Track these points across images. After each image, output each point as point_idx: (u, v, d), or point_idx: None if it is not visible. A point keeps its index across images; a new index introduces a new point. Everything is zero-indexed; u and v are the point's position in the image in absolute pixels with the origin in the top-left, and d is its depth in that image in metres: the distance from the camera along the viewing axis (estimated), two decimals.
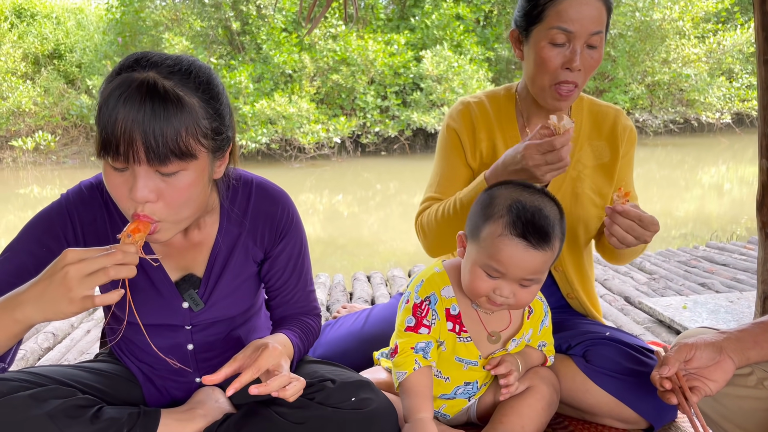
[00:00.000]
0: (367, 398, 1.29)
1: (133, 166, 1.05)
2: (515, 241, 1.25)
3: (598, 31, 1.49)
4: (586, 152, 1.71)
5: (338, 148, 13.90)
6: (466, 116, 1.72)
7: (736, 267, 3.75)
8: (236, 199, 1.35)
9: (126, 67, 1.08)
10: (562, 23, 1.48)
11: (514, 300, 1.31)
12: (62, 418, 1.18)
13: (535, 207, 1.27)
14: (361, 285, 3.52)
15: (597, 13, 1.48)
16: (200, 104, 1.08)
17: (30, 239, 1.25)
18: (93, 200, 1.29)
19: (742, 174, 10.74)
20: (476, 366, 1.46)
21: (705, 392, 1.27)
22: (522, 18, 1.57)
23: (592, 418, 1.63)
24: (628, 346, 1.59)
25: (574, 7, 1.47)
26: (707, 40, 14.85)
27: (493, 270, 1.29)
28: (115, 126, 1.01)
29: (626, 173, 1.75)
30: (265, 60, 13.63)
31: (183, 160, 1.06)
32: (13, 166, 13.96)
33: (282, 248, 1.40)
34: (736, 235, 5.89)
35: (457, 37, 14.21)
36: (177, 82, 1.06)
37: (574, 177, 1.69)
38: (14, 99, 13.92)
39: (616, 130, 1.71)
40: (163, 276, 1.33)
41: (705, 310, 2.78)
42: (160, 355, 1.38)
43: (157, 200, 1.08)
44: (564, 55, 1.51)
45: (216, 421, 1.36)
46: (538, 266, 1.27)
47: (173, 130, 1.03)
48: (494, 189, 1.35)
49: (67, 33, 16.62)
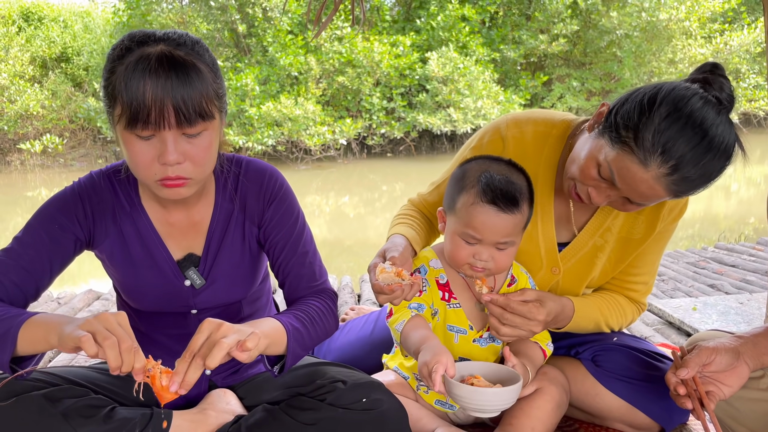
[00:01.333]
0: (378, 399, 1.30)
1: (161, 132, 1.13)
2: (486, 207, 1.36)
3: (643, 203, 1.35)
4: (620, 221, 1.56)
5: (344, 150, 13.91)
6: (492, 151, 1.55)
7: (746, 268, 3.73)
8: (228, 177, 1.40)
9: (132, 43, 1.14)
10: (617, 175, 1.31)
11: (494, 264, 1.41)
12: (76, 418, 1.20)
13: (502, 175, 1.38)
14: (369, 287, 3.52)
15: (655, 195, 1.31)
16: (207, 70, 1.17)
17: (44, 217, 1.33)
18: (103, 185, 1.36)
19: (749, 174, 10.68)
20: (466, 335, 1.50)
21: (719, 397, 1.27)
22: (612, 116, 1.32)
23: (602, 422, 1.63)
24: (637, 351, 1.58)
25: (638, 178, 1.28)
26: (714, 40, 14.77)
27: (470, 237, 1.39)
28: (146, 95, 1.09)
29: (652, 249, 1.60)
30: (271, 62, 13.65)
31: (205, 120, 1.16)
32: (21, 168, 14.04)
33: (271, 216, 1.40)
34: (744, 236, 5.87)
35: (462, 38, 14.19)
36: (187, 51, 1.15)
37: (598, 246, 1.57)
38: (22, 102, 13.99)
39: (662, 210, 1.53)
40: (166, 256, 1.37)
41: (715, 311, 2.77)
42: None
43: (184, 161, 1.16)
44: (598, 184, 1.35)
45: (227, 422, 1.36)
46: (510, 229, 1.38)
47: (198, 93, 1.13)
48: (465, 164, 1.46)
49: (74, 36, 16.69)
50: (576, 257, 1.59)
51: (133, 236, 1.36)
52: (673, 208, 1.55)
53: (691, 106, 1.23)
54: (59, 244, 1.31)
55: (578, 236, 1.58)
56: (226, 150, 1.37)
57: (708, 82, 1.29)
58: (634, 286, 1.64)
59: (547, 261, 1.59)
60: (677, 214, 1.57)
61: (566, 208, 1.59)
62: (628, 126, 1.27)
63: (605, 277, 1.63)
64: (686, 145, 1.22)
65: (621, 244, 1.57)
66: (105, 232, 1.35)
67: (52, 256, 1.30)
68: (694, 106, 1.23)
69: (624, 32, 14.57)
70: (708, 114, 1.23)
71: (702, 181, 1.27)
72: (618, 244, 1.57)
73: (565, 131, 1.54)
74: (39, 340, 1.13)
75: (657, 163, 1.24)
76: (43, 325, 1.13)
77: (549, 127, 1.55)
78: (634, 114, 1.27)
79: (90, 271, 3.81)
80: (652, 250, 1.60)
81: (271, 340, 1.20)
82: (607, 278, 1.63)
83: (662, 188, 1.27)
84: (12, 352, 1.14)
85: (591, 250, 1.58)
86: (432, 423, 1.51)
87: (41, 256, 1.29)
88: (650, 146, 1.24)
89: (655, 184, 1.27)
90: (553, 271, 1.60)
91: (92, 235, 1.35)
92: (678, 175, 1.24)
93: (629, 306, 1.64)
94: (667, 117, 1.23)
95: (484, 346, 1.52)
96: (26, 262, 1.28)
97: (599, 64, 15.28)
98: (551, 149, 1.54)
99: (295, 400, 1.34)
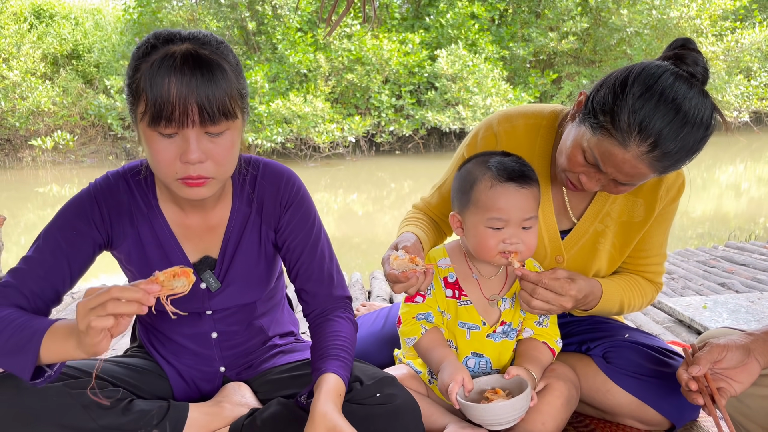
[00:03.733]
0: (392, 394, 1.32)
1: (184, 131, 1.13)
2: (506, 185, 1.39)
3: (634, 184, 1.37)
4: (619, 206, 1.58)
5: (353, 148, 13.92)
6: (486, 148, 1.60)
7: (756, 267, 3.72)
8: (246, 179, 1.40)
9: (157, 41, 1.14)
10: (601, 159, 1.33)
11: (523, 245, 1.41)
12: (95, 409, 1.22)
13: (511, 158, 1.43)
14: (379, 283, 3.54)
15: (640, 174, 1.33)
16: (231, 69, 1.17)
17: (62, 223, 1.31)
18: (119, 186, 1.36)
19: (760, 173, 10.62)
20: (478, 330, 1.51)
21: (730, 393, 1.28)
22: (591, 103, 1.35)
23: (613, 418, 1.64)
24: (648, 348, 1.59)
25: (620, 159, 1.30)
26: (725, 38, 14.66)
27: (496, 221, 1.40)
28: (170, 93, 1.09)
29: (657, 230, 1.61)
30: (281, 60, 13.68)
31: (229, 119, 1.16)
32: (32, 165, 14.15)
33: (289, 219, 1.41)
34: (754, 235, 5.84)
35: (471, 36, 14.17)
36: (212, 51, 1.15)
37: (599, 231, 1.60)
38: (34, 99, 14.09)
39: (659, 190, 1.55)
40: (183, 258, 1.37)
41: (725, 310, 2.77)
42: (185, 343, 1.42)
43: (206, 160, 1.16)
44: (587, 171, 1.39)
45: (242, 415, 1.38)
46: (531, 203, 1.41)
47: (222, 92, 1.13)
48: (465, 165, 1.49)
49: (85, 33, 16.80)
50: (578, 244, 1.61)
51: (149, 238, 1.36)
52: (671, 187, 1.56)
53: (662, 83, 1.26)
54: (78, 249, 1.30)
55: (578, 223, 1.61)
56: (241, 149, 1.38)
57: (680, 58, 1.32)
58: (646, 268, 1.66)
59: (551, 249, 1.62)
60: (675, 193, 1.58)
61: (563, 197, 1.62)
62: (605, 110, 1.30)
63: (614, 265, 1.65)
64: (662, 122, 1.25)
65: (623, 228, 1.59)
66: (123, 234, 1.35)
67: (71, 262, 1.29)
68: (665, 82, 1.26)
69: (634, 30, 14.49)
70: (680, 89, 1.26)
71: (683, 154, 1.29)
72: (620, 228, 1.59)
73: (554, 121, 1.58)
74: (60, 352, 1.11)
75: (636, 143, 1.27)
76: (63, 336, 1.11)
77: (539, 119, 1.59)
78: (608, 98, 1.30)
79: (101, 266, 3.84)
80: (657, 232, 1.62)
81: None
82: (616, 266, 1.65)
83: (646, 166, 1.30)
84: (34, 364, 1.12)
85: (592, 236, 1.60)
86: (443, 419, 1.52)
87: (60, 263, 1.28)
88: (627, 127, 1.26)
89: (638, 163, 1.29)
90: (557, 260, 1.62)
91: (110, 237, 1.35)
92: (658, 152, 1.27)
93: (648, 286, 1.66)
94: (640, 96, 1.26)
95: (497, 341, 1.53)
96: (44, 270, 1.26)
97: (609, 61, 15.21)
98: (543, 140, 1.58)
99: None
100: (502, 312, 1.53)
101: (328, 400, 1.22)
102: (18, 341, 1.12)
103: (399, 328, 1.54)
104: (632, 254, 1.65)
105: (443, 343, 1.49)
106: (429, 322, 1.50)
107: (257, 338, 1.51)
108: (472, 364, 1.54)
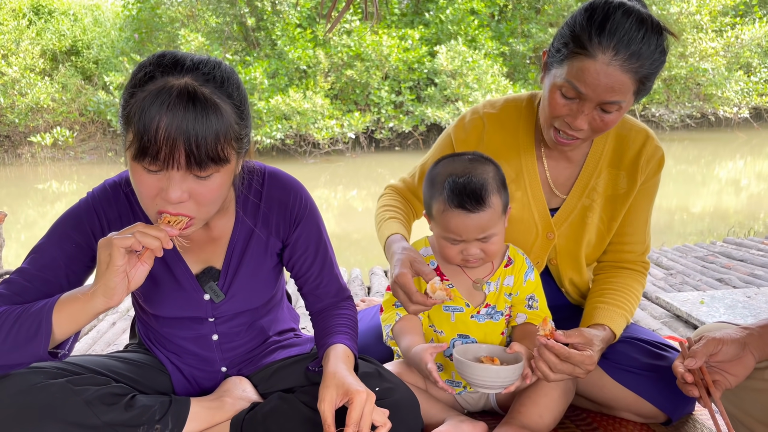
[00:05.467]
0: (390, 388, 1.33)
1: (169, 171, 1.08)
2: (456, 212, 1.42)
3: (614, 101, 1.38)
4: (603, 180, 1.65)
5: (352, 144, 13.93)
6: (474, 131, 1.68)
7: (754, 263, 3.74)
8: (250, 190, 1.38)
9: (158, 69, 1.09)
10: (576, 82, 1.38)
11: (484, 254, 1.47)
12: (98, 405, 1.22)
13: (466, 177, 1.43)
14: (378, 279, 3.56)
15: (617, 84, 1.36)
16: (232, 110, 1.12)
17: (59, 235, 1.30)
18: (117, 198, 1.33)
19: (760, 169, 10.64)
20: (462, 312, 1.55)
21: (725, 386, 1.29)
22: (552, 49, 1.47)
23: (610, 412, 1.65)
24: (644, 342, 1.61)
25: (593, 72, 1.35)
26: (725, 33, 14.66)
27: (452, 240, 1.46)
28: (158, 133, 1.04)
29: (640, 204, 1.66)
30: (280, 56, 13.67)
31: (218, 164, 1.11)
32: (31, 161, 14.16)
33: (299, 234, 1.42)
34: (753, 231, 5.86)
35: (471, 32, 14.16)
36: (214, 89, 1.09)
37: (586, 206, 1.65)
38: (33, 95, 14.09)
39: (639, 161, 1.62)
40: (184, 270, 1.37)
41: (722, 305, 2.79)
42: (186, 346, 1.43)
43: (188, 199, 1.12)
44: (570, 108, 1.43)
45: (243, 409, 1.40)
46: (485, 224, 1.43)
47: (213, 136, 1.07)
48: (433, 168, 1.53)
49: (84, 30, 16.77)
50: (568, 220, 1.66)
51: None
52: (650, 158, 1.63)
53: (608, 3, 1.37)
54: (78, 261, 1.29)
55: (566, 199, 1.66)
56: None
57: None
58: (631, 247, 1.69)
59: (542, 226, 1.67)
60: (656, 166, 1.64)
61: (552, 174, 1.68)
62: (565, 41, 1.40)
63: (602, 240, 1.68)
64: (618, 25, 1.33)
65: (609, 201, 1.65)
66: None
67: (69, 273, 1.28)
68: (612, 3, 1.37)
69: None
70: (624, 3, 1.37)
71: (649, 54, 1.36)
72: (606, 202, 1.65)
73: (533, 102, 1.68)
74: (73, 314, 1.15)
75: (601, 49, 1.34)
76: (73, 297, 1.15)
77: (518, 101, 1.70)
78: (565, 30, 1.42)
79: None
80: (640, 206, 1.67)
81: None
82: (605, 241, 1.69)
83: (619, 72, 1.35)
84: (49, 336, 1.15)
85: (581, 211, 1.65)
86: (441, 413, 1.54)
87: (58, 276, 1.27)
88: (587, 39, 1.35)
89: (611, 70, 1.34)
90: (548, 236, 1.67)
91: None
92: (624, 53, 1.33)
93: (638, 284, 1.68)
94: (590, 17, 1.36)
95: (481, 322, 1.57)
96: (41, 283, 1.25)
97: None
98: (525, 119, 1.67)
99: (309, 388, 1.37)
100: (486, 295, 1.57)
101: (338, 361, 1.27)
102: (29, 325, 1.16)
103: (380, 316, 1.62)
104: (616, 239, 1.69)
105: (415, 331, 1.55)
106: (405, 310, 1.55)
107: (258, 338, 1.52)
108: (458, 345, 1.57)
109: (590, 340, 1.44)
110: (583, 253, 1.68)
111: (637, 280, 1.68)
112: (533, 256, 1.69)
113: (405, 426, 1.31)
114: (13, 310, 1.19)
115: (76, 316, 1.16)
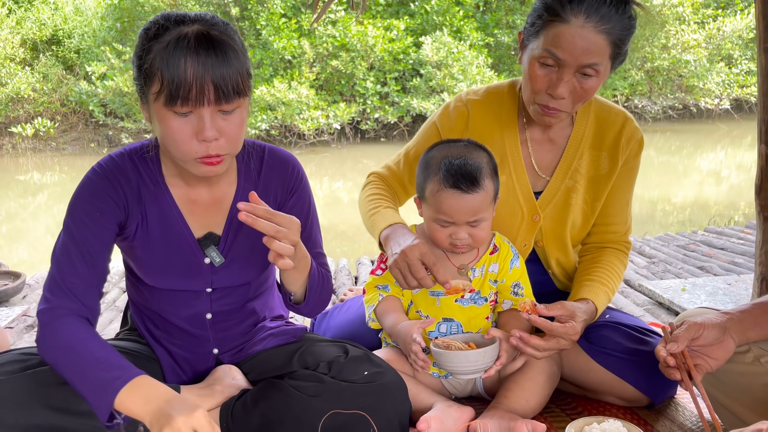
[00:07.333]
0: (379, 372, 1.36)
1: (199, 109, 1.17)
2: (450, 192, 1.47)
3: (592, 63, 1.44)
4: (586, 161, 1.69)
5: (338, 135, 13.89)
6: (459, 118, 1.71)
7: (734, 251, 3.80)
8: (251, 160, 1.44)
9: (168, 22, 1.18)
10: (553, 48, 1.44)
11: (472, 240, 1.52)
12: None
13: (461, 159, 1.48)
14: (365, 269, 3.57)
15: (593, 45, 1.42)
16: (239, 48, 1.21)
17: (81, 209, 1.32)
18: (125, 165, 1.36)
19: (740, 160, 10.77)
20: (447, 297, 1.59)
21: (706, 369, 1.33)
22: (527, 25, 1.54)
23: (594, 396, 1.69)
24: (627, 327, 1.64)
25: (569, 36, 1.42)
26: (707, 25, 14.78)
27: (443, 221, 1.50)
28: (187, 73, 1.13)
29: (622, 186, 1.72)
30: (265, 46, 13.57)
31: (240, 96, 1.20)
32: (12, 152, 13.94)
33: (292, 204, 1.47)
34: (734, 221, 5.95)
35: (456, 22, 14.14)
36: (221, 32, 1.19)
37: (570, 187, 1.70)
38: (13, 85, 13.85)
39: (619, 142, 1.67)
40: (188, 233, 1.39)
41: (703, 292, 2.84)
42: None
43: (220, 137, 1.20)
44: (550, 78, 1.48)
45: (233, 396, 1.41)
46: (477, 207, 1.48)
47: (234, 70, 1.17)
48: (428, 152, 1.57)
49: (65, 19, 16.49)
50: (552, 202, 1.70)
51: (155, 214, 1.37)
52: (630, 138, 1.68)
53: None
54: (106, 229, 1.33)
55: (550, 181, 1.70)
56: None
57: None
58: (614, 228, 1.75)
59: (527, 209, 1.70)
60: (636, 147, 1.70)
61: (536, 157, 1.72)
62: (538, 15, 1.47)
63: (587, 221, 1.73)
64: None
65: (591, 183, 1.70)
66: (133, 212, 1.36)
67: (105, 244, 1.33)
68: None
69: None
70: None
71: (620, 17, 1.43)
72: (589, 183, 1.70)
73: (514, 88, 1.74)
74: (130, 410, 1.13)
75: (573, 13, 1.41)
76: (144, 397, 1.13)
77: (500, 88, 1.75)
78: (537, 6, 1.48)
79: None
80: (622, 188, 1.72)
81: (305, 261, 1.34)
82: (589, 222, 1.73)
83: (593, 33, 1.41)
84: (110, 410, 1.14)
85: (564, 192, 1.70)
86: (430, 398, 1.57)
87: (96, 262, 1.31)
88: (560, 6, 1.42)
89: (585, 32, 1.41)
90: (534, 219, 1.71)
91: (127, 215, 1.36)
92: (596, 16, 1.41)
93: (620, 263, 1.73)
94: None
95: (466, 306, 1.60)
96: (84, 265, 1.29)
97: None
98: (508, 105, 1.72)
99: (298, 374, 1.39)
100: (471, 280, 1.60)
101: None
102: (98, 381, 1.15)
103: (363, 297, 1.66)
104: (599, 221, 1.73)
105: (397, 309, 1.60)
106: (386, 292, 1.63)
107: (249, 320, 1.53)
108: (444, 330, 1.61)
109: (572, 312, 1.48)
110: (568, 234, 1.72)
111: (620, 259, 1.73)
112: (520, 238, 1.72)
113: (393, 408, 1.34)
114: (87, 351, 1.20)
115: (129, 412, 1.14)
